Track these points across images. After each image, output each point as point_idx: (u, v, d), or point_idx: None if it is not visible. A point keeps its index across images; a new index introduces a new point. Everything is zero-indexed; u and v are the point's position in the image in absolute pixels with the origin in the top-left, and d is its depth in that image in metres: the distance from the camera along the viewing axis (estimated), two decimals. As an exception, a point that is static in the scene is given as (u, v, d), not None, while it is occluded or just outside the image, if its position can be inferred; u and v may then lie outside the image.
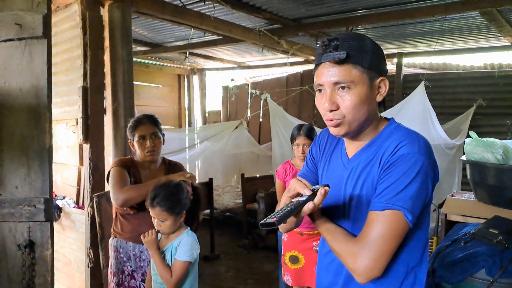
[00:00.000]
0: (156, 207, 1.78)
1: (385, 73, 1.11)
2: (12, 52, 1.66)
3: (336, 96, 1.06)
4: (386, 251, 0.99)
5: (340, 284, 1.15)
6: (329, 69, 1.05)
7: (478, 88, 5.28)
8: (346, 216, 1.13)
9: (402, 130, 1.10)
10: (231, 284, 3.94)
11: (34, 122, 1.66)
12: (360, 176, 1.10)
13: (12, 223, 1.69)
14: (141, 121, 2.16)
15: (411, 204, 0.99)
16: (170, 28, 4.63)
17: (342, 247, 1.05)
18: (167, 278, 1.77)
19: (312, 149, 1.32)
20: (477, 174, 2.72)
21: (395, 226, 0.99)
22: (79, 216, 3.00)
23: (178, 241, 1.84)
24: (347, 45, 1.03)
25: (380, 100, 1.11)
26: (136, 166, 2.19)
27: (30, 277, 1.66)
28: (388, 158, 1.04)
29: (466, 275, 2.09)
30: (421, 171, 1.00)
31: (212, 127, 6.62)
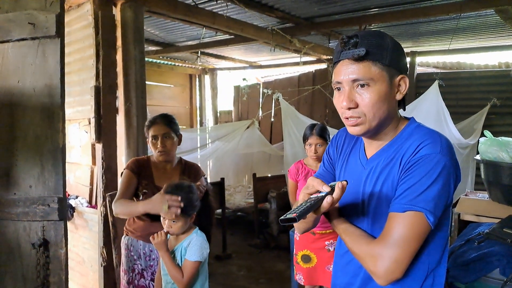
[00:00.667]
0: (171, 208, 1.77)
1: (406, 71, 1.09)
2: (26, 51, 1.67)
3: (355, 94, 1.04)
4: (408, 253, 0.98)
5: (357, 286, 1.13)
6: (348, 66, 1.03)
7: (492, 87, 5.19)
8: (365, 216, 1.12)
9: (424, 129, 1.08)
10: (243, 283, 3.93)
11: (48, 122, 1.67)
12: (380, 176, 1.08)
13: (26, 222, 1.70)
14: (155, 121, 2.16)
15: (433, 205, 0.97)
16: (182, 28, 4.64)
17: (362, 249, 1.03)
18: (179, 279, 1.77)
19: (329, 149, 1.31)
20: (491, 174, 2.70)
21: (416, 228, 0.97)
22: (92, 216, 3.02)
23: (188, 241, 1.84)
24: (367, 42, 1.02)
25: (399, 99, 1.08)
26: (150, 167, 2.20)
27: (44, 275, 1.67)
28: (409, 158, 1.02)
29: (479, 275, 2.08)
30: (443, 171, 0.98)
31: (224, 127, 6.62)
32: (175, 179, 2.15)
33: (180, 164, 2.26)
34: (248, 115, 7.39)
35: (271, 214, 5.00)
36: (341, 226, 1.12)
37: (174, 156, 2.22)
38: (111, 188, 2.66)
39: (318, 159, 2.66)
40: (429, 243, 1.04)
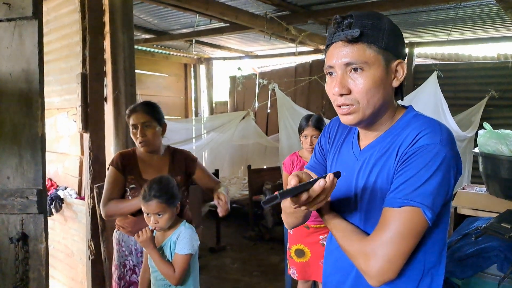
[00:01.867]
0: (153, 200, 1.70)
1: (403, 57, 1.00)
2: (1, 34, 1.58)
3: (348, 79, 0.95)
4: (402, 252, 0.90)
5: (349, 284, 1.06)
6: (341, 49, 0.95)
7: (491, 79, 5.15)
8: (358, 211, 1.04)
9: (422, 118, 1.00)
10: (236, 276, 3.88)
11: (26, 109, 1.58)
12: (374, 168, 1.00)
13: (4, 215, 1.62)
14: (135, 109, 2.04)
15: (431, 200, 0.89)
16: (176, 15, 4.52)
17: (354, 247, 0.96)
18: (170, 274, 1.71)
19: (321, 140, 1.22)
20: (490, 167, 2.65)
21: (413, 225, 0.89)
22: (81, 207, 2.94)
23: (176, 235, 1.77)
24: (362, 23, 0.93)
25: (396, 86, 1.00)
26: (136, 160, 2.09)
27: (24, 271, 1.59)
28: (406, 149, 0.93)
29: (477, 271, 2.03)
30: (443, 163, 0.89)
31: (219, 117, 6.52)
32: (164, 170, 2.06)
33: (168, 153, 2.14)
34: (244, 106, 7.29)
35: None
36: (332, 221, 1.05)
37: (159, 146, 2.10)
38: (99, 179, 2.57)
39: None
40: (426, 240, 0.96)
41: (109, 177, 2.04)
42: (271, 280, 3.74)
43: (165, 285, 1.76)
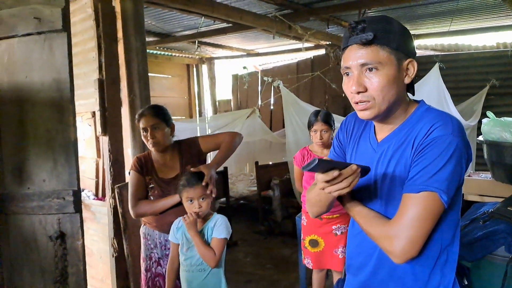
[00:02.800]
0: (199, 183, 1.89)
1: (414, 55, 1.09)
2: (32, 46, 1.67)
3: (364, 78, 1.05)
4: (423, 233, 1.01)
5: (372, 265, 1.16)
6: (356, 51, 1.04)
7: (491, 68, 5.23)
8: (378, 199, 1.13)
9: (434, 112, 1.10)
10: (250, 269, 4.00)
11: (58, 116, 1.67)
12: (392, 158, 1.10)
13: (42, 215, 1.72)
14: (143, 113, 2.17)
15: (446, 185, 0.99)
16: (179, 17, 4.62)
17: (378, 230, 1.06)
18: (211, 256, 1.85)
19: (339, 135, 1.31)
20: (494, 154, 2.74)
21: (431, 208, 1.00)
22: (99, 208, 3.05)
23: (213, 222, 1.93)
24: (374, 26, 1.03)
25: (408, 82, 1.09)
26: (151, 161, 2.22)
27: (63, 266, 1.70)
28: (421, 140, 1.03)
29: (485, 253, 2.12)
30: (455, 152, 1.00)
31: (224, 116, 6.62)
32: (176, 167, 2.20)
33: (176, 149, 2.25)
34: (247, 104, 7.39)
35: (275, 201, 5.05)
36: (355, 208, 1.14)
37: (169, 145, 2.22)
38: (119, 180, 2.68)
39: (323, 145, 2.68)
40: (442, 221, 1.06)
41: (133, 180, 2.18)
42: (284, 272, 3.85)
43: (200, 270, 1.90)
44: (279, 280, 3.70)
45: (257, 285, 3.62)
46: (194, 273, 1.92)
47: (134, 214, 2.16)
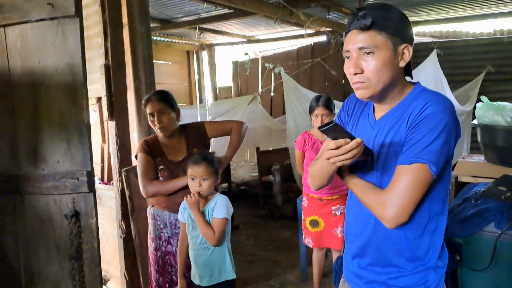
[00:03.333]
0: (203, 162, 1.95)
1: (411, 41, 1.17)
2: (45, 31, 1.73)
3: (361, 61, 1.13)
4: (413, 200, 1.10)
5: (368, 232, 1.26)
6: (356, 36, 1.13)
7: (487, 55, 5.28)
8: (374, 170, 1.22)
9: (429, 92, 1.19)
10: (252, 251, 4.11)
11: (71, 99, 1.74)
12: (388, 134, 1.19)
13: (56, 195, 1.80)
14: (149, 98, 2.23)
15: (435, 158, 1.08)
16: (181, 3, 4.63)
17: (372, 198, 1.15)
18: (211, 235, 1.93)
19: (340, 114, 1.40)
20: (487, 137, 2.83)
21: (421, 178, 1.09)
22: (105, 192, 3.12)
23: (214, 202, 2.01)
24: (374, 13, 1.11)
25: (403, 66, 1.17)
26: (159, 145, 2.29)
27: (78, 244, 1.79)
28: (415, 117, 1.12)
29: (476, 229, 2.22)
30: (445, 128, 1.08)
31: (224, 103, 6.67)
32: (183, 150, 2.28)
33: (183, 132, 2.33)
34: (247, 91, 7.43)
35: (275, 186, 5.14)
36: (352, 180, 1.24)
37: (176, 129, 2.29)
38: (126, 163, 2.75)
39: (324, 129, 2.75)
40: (431, 191, 1.16)
41: (142, 161, 2.23)
42: (284, 253, 3.97)
43: (205, 248, 1.99)
44: (280, 260, 3.82)
45: (259, 266, 3.74)
46: (199, 251, 2.02)
47: (147, 193, 2.21)
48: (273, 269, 3.65)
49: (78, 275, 1.82)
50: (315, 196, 2.79)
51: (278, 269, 3.65)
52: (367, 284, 1.28)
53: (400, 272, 1.22)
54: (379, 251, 1.23)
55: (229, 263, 2.05)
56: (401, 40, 1.13)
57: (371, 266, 1.26)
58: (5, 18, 1.71)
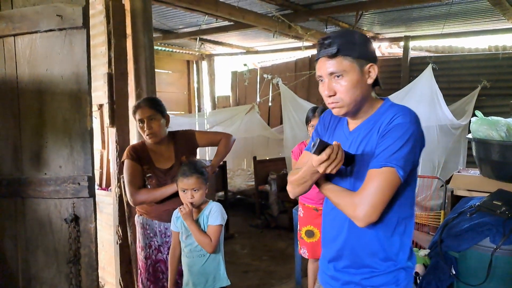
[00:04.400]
0: (193, 175, 1.97)
1: (375, 60, 1.30)
2: (53, 41, 1.79)
3: (333, 83, 1.27)
4: (383, 200, 1.21)
5: (343, 236, 1.36)
6: (325, 62, 1.27)
7: (483, 70, 5.37)
8: (348, 176, 1.34)
9: (397, 106, 1.33)
10: (247, 260, 4.14)
11: (76, 106, 1.80)
12: (361, 143, 1.32)
13: (57, 199, 1.84)
14: (139, 105, 2.25)
15: (403, 162, 1.20)
16: (182, 15, 4.73)
17: (345, 200, 1.27)
18: (207, 242, 1.97)
19: (317, 127, 1.54)
20: (482, 151, 2.87)
21: (390, 180, 1.20)
22: (103, 198, 3.16)
23: (208, 210, 2.04)
24: (338, 41, 1.25)
25: (371, 83, 1.30)
26: (147, 150, 2.30)
27: (76, 248, 1.82)
28: (385, 126, 1.25)
29: (471, 244, 2.25)
30: (411, 137, 1.21)
31: (222, 112, 6.75)
32: (171, 157, 2.30)
33: (171, 139, 2.34)
34: (245, 100, 7.51)
35: (271, 195, 5.19)
36: (327, 186, 1.35)
37: (165, 136, 2.30)
38: (125, 170, 2.80)
39: (320, 139, 2.82)
40: (399, 197, 1.28)
41: (129, 169, 2.22)
42: (280, 264, 3.99)
43: (200, 255, 2.02)
44: (275, 271, 3.85)
45: (254, 276, 3.77)
46: (194, 258, 2.05)
47: (134, 202, 2.22)
48: (268, 280, 3.67)
49: (75, 280, 1.85)
50: (311, 206, 2.83)
51: (273, 279, 3.67)
52: (343, 286, 1.38)
53: (373, 272, 1.32)
54: (354, 253, 1.34)
55: (223, 270, 2.08)
56: (365, 60, 1.27)
57: (347, 268, 1.36)
58: (16, 28, 1.77)
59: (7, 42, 1.83)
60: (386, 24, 5.39)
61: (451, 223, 2.47)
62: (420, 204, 3.84)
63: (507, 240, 2.12)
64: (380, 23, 5.31)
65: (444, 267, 2.39)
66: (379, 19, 5.09)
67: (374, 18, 5.07)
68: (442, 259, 2.39)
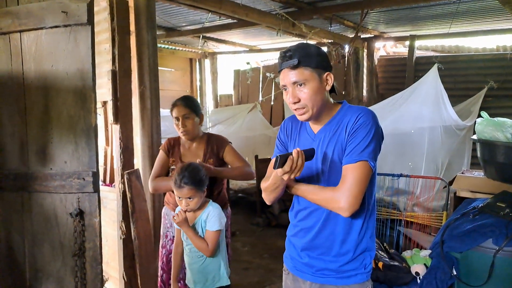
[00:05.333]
0: (184, 187, 1.97)
1: (330, 69, 1.47)
2: (58, 38, 1.81)
3: (297, 91, 1.42)
4: (362, 190, 1.38)
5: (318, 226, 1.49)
6: (288, 73, 1.42)
7: (490, 70, 5.33)
8: (321, 175, 1.47)
9: (355, 107, 1.49)
10: (248, 258, 4.16)
11: (80, 103, 1.81)
12: (329, 143, 1.46)
13: (62, 194, 1.86)
14: (175, 103, 2.37)
15: (373, 155, 1.39)
16: (186, 12, 4.73)
17: (327, 196, 1.40)
18: (204, 248, 1.97)
19: (280, 135, 1.64)
20: (487, 152, 2.84)
21: (365, 172, 1.37)
22: (106, 193, 3.18)
23: (206, 214, 2.04)
24: (298, 53, 1.39)
25: (329, 89, 1.46)
26: (179, 145, 2.44)
27: (81, 242, 1.84)
28: (352, 125, 1.41)
29: (474, 245, 2.25)
30: (376, 133, 1.40)
31: (225, 110, 6.76)
32: (199, 155, 2.37)
33: (205, 139, 2.45)
34: (248, 99, 7.52)
35: (273, 193, 5.19)
36: (300, 187, 1.47)
37: (198, 134, 2.40)
38: (128, 166, 2.82)
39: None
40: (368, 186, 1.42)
41: (158, 159, 2.42)
42: (280, 262, 3.91)
43: (198, 256, 2.03)
44: (276, 269, 3.85)
45: (254, 273, 3.78)
46: (193, 258, 2.07)
47: (150, 188, 2.38)
48: (269, 277, 3.69)
49: (80, 272, 1.88)
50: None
51: (273, 277, 3.68)
52: (317, 271, 1.51)
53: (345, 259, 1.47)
54: (328, 242, 1.48)
55: (223, 270, 2.08)
56: (323, 70, 1.43)
57: (321, 255, 1.50)
58: (22, 24, 1.78)
59: (13, 38, 1.85)
60: (392, 23, 5.37)
61: (454, 224, 2.46)
62: (422, 204, 3.83)
63: (510, 242, 2.12)
64: (385, 21, 5.29)
65: (445, 268, 2.39)
66: (384, 17, 5.07)
67: (380, 17, 5.05)
68: (443, 260, 2.39)
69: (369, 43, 6.30)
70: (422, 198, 3.89)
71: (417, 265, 2.64)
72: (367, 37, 6.21)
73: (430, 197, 3.85)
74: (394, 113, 4.39)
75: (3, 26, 1.83)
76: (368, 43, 6.30)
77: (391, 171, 4.04)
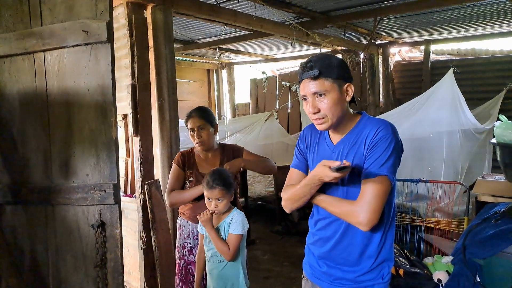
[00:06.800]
0: (216, 187, 2.03)
1: (350, 80, 1.47)
2: (80, 56, 1.89)
3: (317, 102, 1.43)
4: (381, 205, 1.37)
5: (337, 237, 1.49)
6: (308, 83, 1.43)
7: (508, 73, 5.25)
8: (340, 186, 1.48)
9: (375, 119, 1.49)
10: (268, 266, 4.15)
11: (102, 117, 1.88)
12: (349, 154, 1.46)
13: (84, 206, 1.92)
14: (191, 115, 2.40)
15: (392, 170, 1.39)
16: (203, 26, 4.84)
17: (345, 209, 1.41)
18: (225, 251, 2.01)
19: (299, 145, 1.66)
20: (507, 156, 2.82)
21: (385, 187, 1.37)
22: (127, 204, 3.26)
23: (230, 218, 2.09)
24: (319, 64, 1.41)
25: (349, 100, 1.47)
26: (194, 156, 2.46)
27: (102, 252, 1.90)
28: (372, 139, 1.42)
29: (497, 251, 2.22)
30: (396, 147, 1.40)
31: (242, 119, 6.82)
32: (216, 164, 2.41)
33: (220, 149, 2.49)
34: (265, 107, 7.58)
35: (292, 201, 5.18)
36: (319, 197, 1.48)
37: (213, 144, 2.44)
38: (148, 177, 2.89)
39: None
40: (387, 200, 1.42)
41: (172, 173, 2.42)
42: (301, 270, 3.95)
43: (219, 261, 2.07)
44: (297, 277, 3.84)
45: (275, 281, 3.78)
46: (214, 263, 2.10)
47: (168, 203, 2.40)
48: (289, 285, 3.68)
49: (102, 283, 1.93)
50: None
51: (294, 285, 3.67)
52: (334, 281, 1.52)
53: (363, 269, 1.47)
54: (346, 252, 1.48)
55: (242, 277, 2.11)
56: (343, 81, 1.43)
57: (340, 265, 1.51)
58: (45, 44, 1.87)
59: (37, 58, 1.94)
60: (406, 29, 5.35)
61: (475, 230, 2.43)
62: (443, 210, 3.77)
63: (533, 247, 2.07)
64: (399, 27, 5.28)
65: (468, 274, 2.35)
66: (398, 23, 5.05)
67: (394, 23, 5.04)
68: (466, 266, 2.35)
69: (384, 49, 6.29)
70: (443, 203, 3.83)
71: (439, 272, 2.61)
72: (381, 43, 6.19)
73: (450, 202, 3.78)
74: (412, 118, 4.36)
75: (28, 46, 1.92)
76: (383, 49, 6.28)
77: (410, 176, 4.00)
